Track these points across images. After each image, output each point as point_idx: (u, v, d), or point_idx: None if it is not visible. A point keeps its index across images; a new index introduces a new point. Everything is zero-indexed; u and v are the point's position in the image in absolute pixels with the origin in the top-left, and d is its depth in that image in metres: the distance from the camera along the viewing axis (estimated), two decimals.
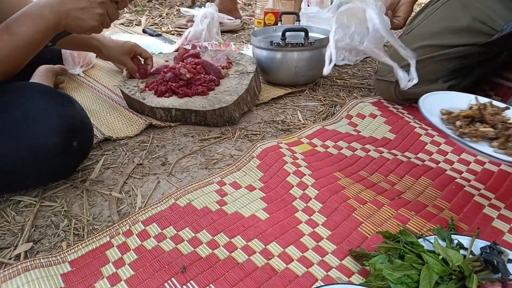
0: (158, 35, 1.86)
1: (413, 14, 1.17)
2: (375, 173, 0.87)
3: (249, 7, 2.78)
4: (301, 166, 0.85)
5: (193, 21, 1.70)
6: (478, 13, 1.02)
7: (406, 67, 0.89)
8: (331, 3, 1.58)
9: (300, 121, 1.10)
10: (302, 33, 1.22)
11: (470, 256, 0.62)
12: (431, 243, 0.63)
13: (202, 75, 1.13)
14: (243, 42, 1.79)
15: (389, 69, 1.11)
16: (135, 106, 1.11)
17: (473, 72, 1.09)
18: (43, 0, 0.78)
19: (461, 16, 1.03)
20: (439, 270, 0.56)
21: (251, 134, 1.02)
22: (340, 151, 0.93)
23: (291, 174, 0.83)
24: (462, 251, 0.63)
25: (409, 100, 1.16)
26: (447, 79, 1.08)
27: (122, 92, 1.13)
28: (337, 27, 0.88)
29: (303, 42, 1.21)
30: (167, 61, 1.29)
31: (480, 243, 0.64)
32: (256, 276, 0.62)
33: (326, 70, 0.85)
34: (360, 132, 1.03)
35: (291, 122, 1.09)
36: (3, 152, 0.71)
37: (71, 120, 0.76)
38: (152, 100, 1.08)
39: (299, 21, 1.45)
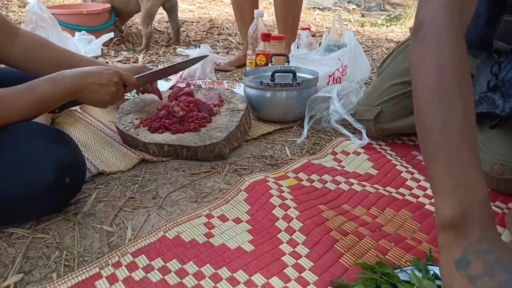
0: None
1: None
2: (358, 206, 0.90)
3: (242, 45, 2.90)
4: (287, 199, 0.89)
5: None
6: None
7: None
8: (319, 45, 1.67)
9: (288, 156, 1.14)
10: (291, 74, 1.29)
11: None
12: (408, 273, 0.66)
13: (195, 112, 1.18)
14: (235, 80, 1.86)
15: (366, 109, 1.17)
16: (129, 141, 1.16)
17: None
18: (69, 71, 0.90)
19: None
20: None
21: (240, 169, 1.06)
22: (325, 185, 0.97)
23: (277, 207, 0.86)
24: (438, 282, 0.66)
25: (391, 135, 1.22)
26: None
27: (117, 128, 1.18)
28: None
29: (291, 83, 1.27)
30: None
31: None
32: None
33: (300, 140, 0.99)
34: (345, 167, 1.08)
35: (279, 157, 1.14)
36: None
37: (65, 158, 0.80)
38: (145, 136, 1.12)
39: (288, 62, 1.52)
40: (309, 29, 1.80)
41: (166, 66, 1.43)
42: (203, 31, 3.13)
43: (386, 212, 0.88)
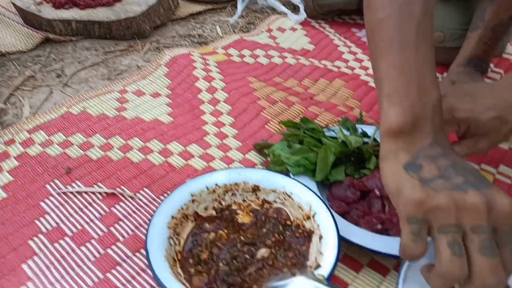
0: None
1: None
2: (290, 78, 0.83)
3: None
4: (212, 71, 0.80)
5: None
6: None
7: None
8: None
9: (218, 35, 1.03)
10: None
11: (373, 142, 0.62)
12: (335, 132, 0.61)
13: None
14: None
15: None
16: (31, 20, 0.98)
17: None
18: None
19: None
20: (337, 151, 0.54)
21: (163, 47, 0.94)
22: (257, 60, 0.89)
23: (200, 79, 0.77)
24: (366, 139, 0.63)
25: (331, 13, 1.13)
26: None
27: (15, 5, 0.99)
28: None
29: None
30: None
31: None
32: (152, 173, 0.57)
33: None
34: (280, 44, 0.99)
35: (209, 35, 1.02)
36: None
37: None
38: (49, 12, 0.95)
39: None
40: None
41: None
42: None
43: (319, 83, 0.82)
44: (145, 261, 0.45)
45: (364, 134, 0.63)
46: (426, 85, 0.39)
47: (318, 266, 0.40)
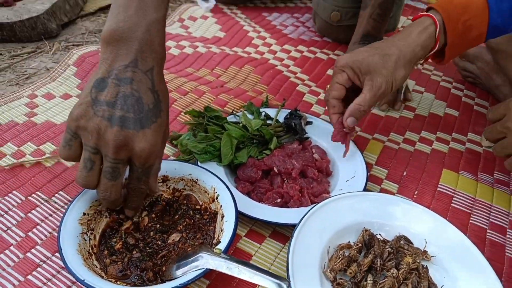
0: None
1: None
2: (202, 68, 0.87)
3: None
4: None
5: None
6: None
7: None
8: None
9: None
10: None
11: (275, 123, 0.68)
12: (240, 116, 0.67)
13: None
14: None
15: None
16: None
17: None
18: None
19: None
20: (239, 135, 0.60)
21: (73, 45, 0.93)
22: (168, 51, 0.91)
23: None
24: (269, 121, 0.69)
25: None
26: None
27: None
28: None
29: None
30: None
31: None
32: (65, 176, 0.59)
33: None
34: (192, 33, 1.02)
35: None
36: None
37: None
38: None
39: None
40: None
41: None
42: None
43: (230, 70, 0.87)
44: None
45: (267, 117, 0.69)
46: (145, 4, 0.43)
47: (218, 242, 0.46)
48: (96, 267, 0.45)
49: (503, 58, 0.77)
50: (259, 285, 0.47)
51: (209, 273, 0.45)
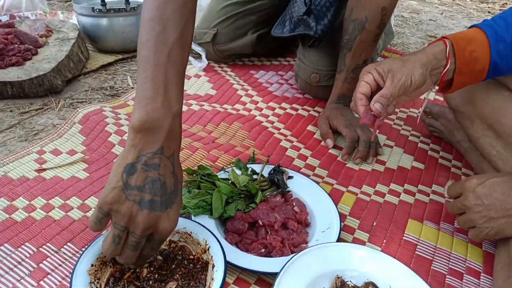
0: None
1: None
2: (195, 124, 0.96)
3: None
4: (123, 125, 0.90)
5: None
6: None
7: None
8: None
9: (129, 85, 1.13)
10: None
11: (261, 178, 0.76)
12: (229, 172, 0.75)
13: (16, 45, 1.07)
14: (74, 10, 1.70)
15: (204, 32, 1.20)
16: None
17: (277, 18, 1.17)
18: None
19: None
20: (227, 191, 0.68)
21: (77, 102, 1.02)
22: None
23: (113, 134, 0.87)
24: (255, 176, 0.77)
25: (231, 57, 1.28)
26: (255, 30, 1.22)
27: None
28: None
29: (125, 8, 1.22)
30: None
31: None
32: (73, 228, 0.66)
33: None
34: (186, 91, 1.12)
35: (120, 87, 1.12)
36: None
37: None
38: None
39: None
40: None
41: None
42: None
43: (220, 126, 0.96)
44: None
45: (254, 172, 0.78)
46: (169, 98, 0.50)
47: None
48: None
49: (461, 117, 0.88)
50: None
51: None
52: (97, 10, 1.21)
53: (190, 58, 1.24)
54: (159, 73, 0.51)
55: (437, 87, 0.72)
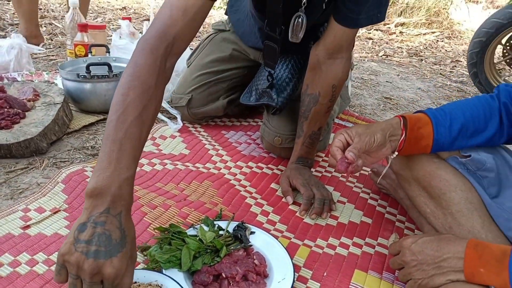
0: None
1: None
2: (169, 183, 1.07)
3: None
4: None
5: None
6: (236, 46, 1.34)
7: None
8: (141, 35, 1.76)
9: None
10: (106, 66, 1.36)
11: (226, 233, 0.87)
12: (197, 230, 0.85)
13: (6, 109, 1.17)
14: (57, 71, 1.82)
15: (179, 97, 1.34)
16: None
17: (245, 85, 1.33)
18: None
19: (224, 49, 1.34)
20: (195, 247, 0.78)
21: (60, 162, 1.12)
22: (142, 168, 1.11)
23: None
24: (221, 232, 0.87)
25: (204, 118, 1.41)
26: (226, 96, 1.36)
27: None
28: None
29: (108, 75, 1.35)
30: None
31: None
32: (55, 283, 0.74)
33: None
34: (162, 150, 1.23)
35: (100, 147, 1.22)
36: None
37: None
38: None
39: (109, 52, 1.58)
40: (130, 19, 1.86)
41: None
42: None
43: (192, 184, 1.07)
44: None
45: (220, 228, 0.88)
46: (120, 168, 0.61)
47: None
48: None
49: (401, 179, 1.01)
50: None
51: None
52: (82, 76, 1.33)
53: (166, 120, 1.37)
54: (115, 148, 0.62)
55: (396, 153, 0.89)
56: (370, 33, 3.82)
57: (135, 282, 0.70)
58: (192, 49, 1.52)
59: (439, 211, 0.91)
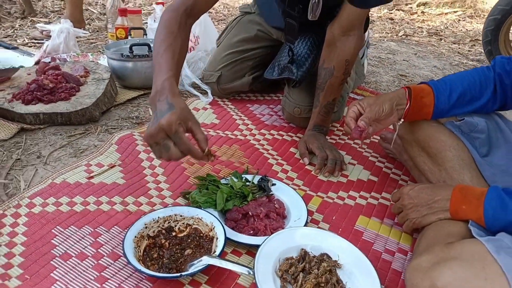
0: (14, 48, 1.95)
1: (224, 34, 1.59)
2: None
3: (104, 16, 2.96)
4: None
5: (49, 34, 1.87)
6: (260, 27, 1.49)
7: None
8: None
9: (150, 115, 1.43)
10: (147, 47, 1.54)
11: (252, 184, 1.04)
12: (228, 180, 1.03)
13: (64, 84, 1.37)
14: (100, 52, 2.02)
15: (210, 74, 1.51)
16: (5, 115, 1.30)
17: (268, 63, 1.48)
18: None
19: (250, 30, 1.49)
20: (227, 192, 0.96)
21: (111, 128, 1.31)
22: None
23: (142, 152, 1.16)
24: (248, 183, 1.05)
25: (231, 93, 1.58)
26: (251, 73, 1.53)
27: None
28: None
29: (147, 54, 1.53)
30: (30, 74, 1.49)
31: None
32: (118, 216, 0.93)
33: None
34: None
35: (143, 117, 1.41)
36: None
37: None
38: (20, 108, 1.28)
39: (146, 34, 1.76)
40: (163, 3, 2.03)
41: None
42: (61, 0, 3.07)
43: (222, 147, 1.25)
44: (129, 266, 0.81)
45: (247, 180, 1.06)
46: (160, 76, 0.89)
47: (214, 252, 0.80)
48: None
49: (404, 142, 1.16)
50: (239, 274, 0.80)
51: (208, 270, 0.78)
52: (125, 56, 1.52)
53: (199, 94, 1.55)
54: (156, 67, 0.93)
55: (402, 120, 1.04)
56: (391, 13, 3.87)
57: (181, 215, 0.89)
58: (219, 32, 1.68)
59: (436, 168, 1.05)
